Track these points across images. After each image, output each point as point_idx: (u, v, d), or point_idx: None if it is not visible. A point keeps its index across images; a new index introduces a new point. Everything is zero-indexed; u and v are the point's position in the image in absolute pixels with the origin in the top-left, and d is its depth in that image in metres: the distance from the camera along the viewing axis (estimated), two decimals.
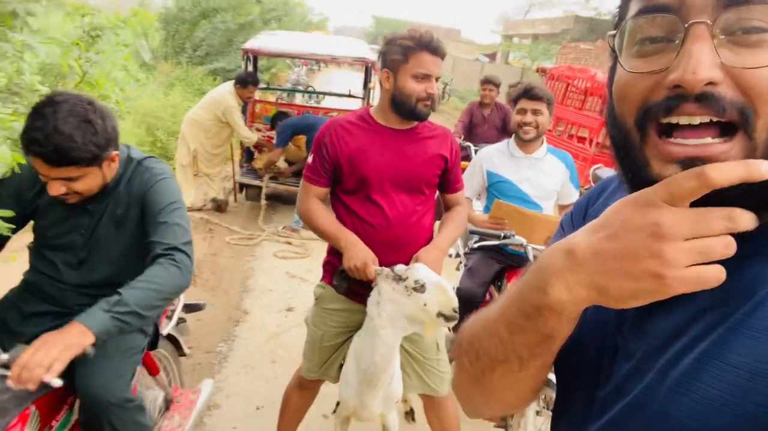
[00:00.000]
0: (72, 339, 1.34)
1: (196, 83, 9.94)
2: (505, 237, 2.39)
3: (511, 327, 0.59)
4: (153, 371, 2.11)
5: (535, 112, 2.60)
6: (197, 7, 11.48)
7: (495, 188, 2.76)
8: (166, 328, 2.17)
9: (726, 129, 0.49)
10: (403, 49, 1.89)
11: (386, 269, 1.77)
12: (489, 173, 2.77)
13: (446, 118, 16.92)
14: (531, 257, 2.35)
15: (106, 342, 1.47)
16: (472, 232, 2.54)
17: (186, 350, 2.40)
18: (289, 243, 5.21)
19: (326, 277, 2.11)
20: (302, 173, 2.08)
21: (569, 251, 0.53)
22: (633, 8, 0.55)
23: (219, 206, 5.87)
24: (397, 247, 1.96)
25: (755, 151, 0.49)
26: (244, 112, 5.83)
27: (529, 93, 2.62)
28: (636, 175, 0.55)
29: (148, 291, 1.49)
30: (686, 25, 0.49)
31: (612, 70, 0.61)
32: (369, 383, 1.87)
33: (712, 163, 0.47)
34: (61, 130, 1.43)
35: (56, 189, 1.51)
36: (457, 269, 3.40)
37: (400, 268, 1.76)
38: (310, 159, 2.02)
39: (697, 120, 0.50)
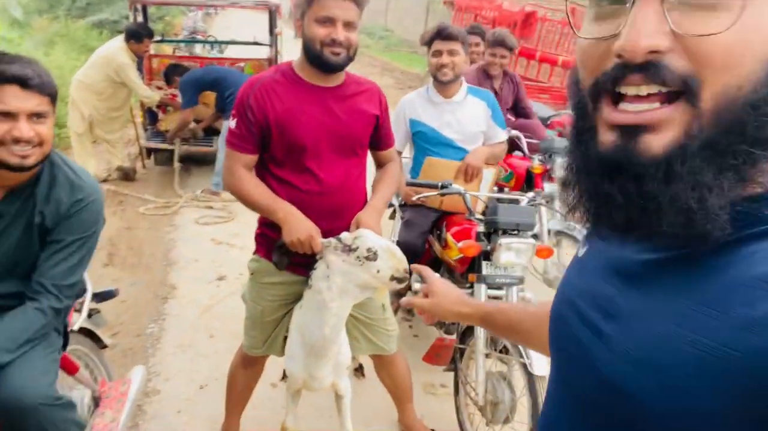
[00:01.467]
0: None
1: (80, 39, 9.00)
2: (443, 187, 2.35)
3: None
4: (71, 370, 1.95)
5: (451, 52, 2.56)
6: None
7: (419, 136, 2.71)
8: (78, 322, 2.01)
9: (672, 97, 0.48)
10: None
11: (333, 241, 1.68)
12: (411, 120, 2.71)
13: (357, 58, 16.51)
14: (470, 204, 2.33)
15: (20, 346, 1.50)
16: (409, 184, 2.48)
17: (107, 341, 2.26)
18: (210, 208, 4.94)
19: (260, 250, 1.98)
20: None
21: None
22: None
23: (126, 175, 5.43)
24: (336, 214, 1.86)
25: (699, 118, 0.47)
26: (140, 69, 5.32)
27: (442, 34, 2.57)
28: (584, 143, 0.54)
29: (18, 341, 1.50)
30: None
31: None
32: (317, 355, 1.81)
33: (651, 129, 0.48)
34: (28, 60, 1.49)
35: (27, 129, 1.44)
36: (391, 218, 3.35)
37: (346, 237, 1.68)
38: (233, 124, 1.83)
39: (644, 91, 0.48)
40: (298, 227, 1.73)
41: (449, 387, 2.60)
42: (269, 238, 1.88)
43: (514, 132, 3.06)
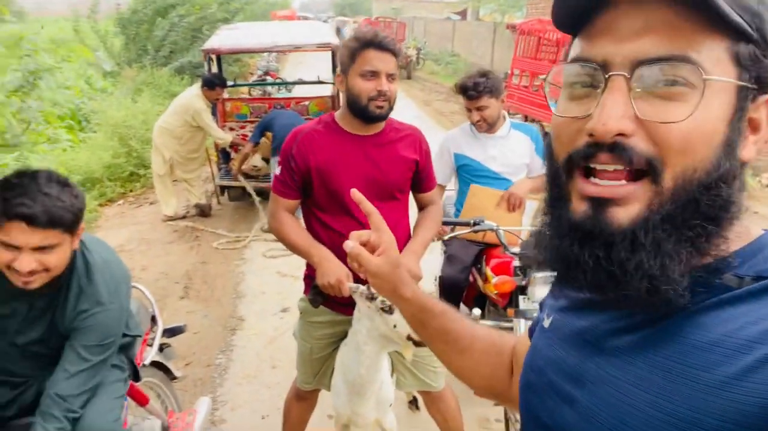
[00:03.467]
0: None
1: (164, 85, 9.75)
2: (475, 224, 2.38)
3: None
4: (142, 401, 2.12)
5: (479, 108, 2.59)
6: (150, 6, 11.17)
7: (464, 169, 2.77)
8: (149, 357, 2.17)
9: (638, 174, 0.53)
10: (350, 51, 1.85)
11: (361, 287, 1.75)
12: (456, 155, 2.77)
13: (422, 85, 16.73)
14: (503, 239, 2.35)
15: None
16: (445, 223, 2.53)
17: (177, 373, 2.41)
18: (277, 241, 5.17)
19: (307, 291, 2.10)
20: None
21: None
22: (573, 52, 0.59)
23: (203, 211, 5.82)
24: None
25: (660, 195, 0.52)
26: (214, 112, 5.73)
27: (466, 94, 2.59)
28: (558, 208, 0.59)
29: None
30: (606, 76, 0.53)
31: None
32: (358, 393, 1.87)
33: (618, 203, 0.53)
34: (47, 192, 1.45)
35: (28, 263, 1.43)
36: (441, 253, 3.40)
37: None
38: (278, 171, 1.98)
39: (611, 167, 0.53)
40: (330, 271, 1.83)
41: (503, 422, 2.58)
42: (314, 279, 2.00)
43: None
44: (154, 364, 2.26)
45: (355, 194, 0.98)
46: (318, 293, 1.89)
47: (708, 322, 0.51)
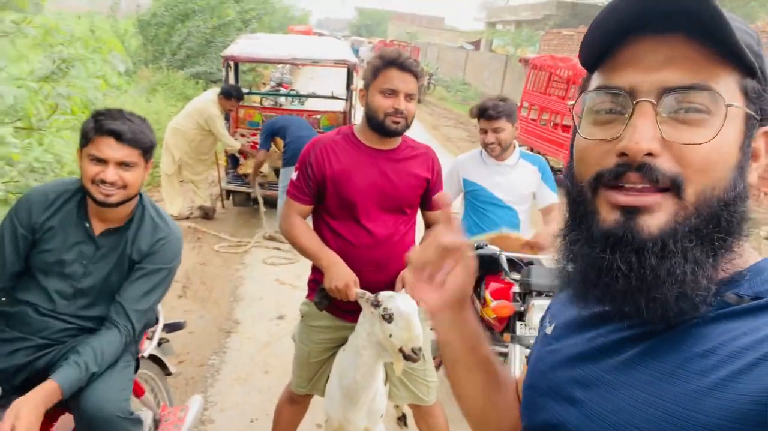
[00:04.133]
0: (45, 401, 1.52)
1: (178, 88, 9.88)
2: (478, 247, 2.44)
3: None
4: (138, 393, 2.14)
5: (496, 130, 2.66)
6: (172, 11, 11.36)
7: (470, 194, 2.83)
8: (148, 349, 2.20)
9: (663, 190, 0.59)
10: (373, 68, 1.93)
11: (368, 293, 1.80)
12: (465, 180, 2.84)
13: (431, 109, 16.93)
14: (504, 265, 2.39)
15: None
16: None
17: (172, 369, 2.43)
18: (278, 249, 5.23)
19: (311, 295, 2.14)
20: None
21: None
22: (594, 83, 0.65)
23: (206, 214, 5.87)
24: (381, 266, 1.99)
25: (685, 209, 0.58)
26: (227, 118, 5.83)
27: (485, 114, 2.66)
28: (585, 223, 0.63)
29: (105, 356, 1.69)
30: (634, 102, 0.59)
31: (573, 134, 0.69)
32: (351, 399, 1.91)
33: (647, 211, 0.58)
34: (131, 119, 1.71)
35: (112, 174, 1.66)
36: None
37: (384, 294, 1.77)
38: (294, 176, 2.04)
39: (639, 186, 0.59)
40: (338, 275, 1.88)
41: None
42: (319, 283, 2.04)
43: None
44: (152, 358, 2.28)
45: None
46: (324, 297, 1.94)
47: (708, 333, 0.56)
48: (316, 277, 2.11)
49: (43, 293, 1.74)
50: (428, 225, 2.20)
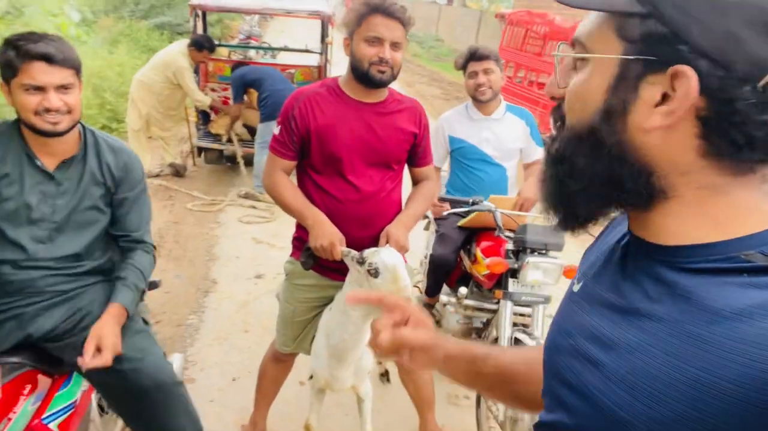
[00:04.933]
0: (118, 321, 1.65)
1: (142, 39, 9.43)
2: (474, 203, 2.40)
3: None
4: None
5: (486, 71, 2.60)
6: None
7: (457, 152, 2.77)
8: None
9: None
10: (358, 15, 1.84)
11: (353, 251, 1.75)
12: (451, 137, 2.77)
13: (405, 66, 16.62)
14: (499, 221, 2.37)
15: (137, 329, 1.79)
16: (442, 199, 2.54)
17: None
18: (254, 207, 5.12)
19: (295, 253, 2.09)
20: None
21: None
22: None
23: (177, 171, 5.69)
24: (367, 222, 1.94)
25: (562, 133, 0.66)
26: (196, 72, 5.58)
27: (476, 55, 2.62)
28: None
29: (141, 274, 1.78)
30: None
31: None
32: (339, 358, 1.89)
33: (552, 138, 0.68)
34: (52, 37, 1.59)
35: (56, 100, 1.56)
36: (426, 229, 3.42)
37: (368, 251, 1.74)
38: (276, 130, 1.95)
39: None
40: (323, 233, 1.82)
41: (472, 398, 2.64)
42: (303, 241, 1.99)
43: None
44: None
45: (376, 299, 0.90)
46: (310, 256, 1.89)
47: (733, 293, 0.53)
48: (301, 235, 2.05)
49: (16, 246, 1.63)
50: (415, 182, 2.14)
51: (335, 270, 1.96)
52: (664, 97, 0.56)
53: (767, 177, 0.58)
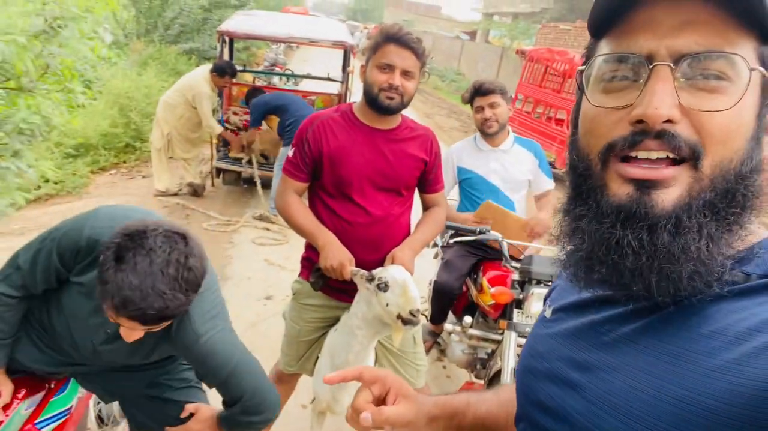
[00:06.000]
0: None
1: (170, 63, 9.70)
2: (480, 232, 2.41)
3: None
4: None
5: (492, 105, 2.62)
6: None
7: (466, 183, 2.78)
8: None
9: (677, 163, 0.55)
10: (373, 43, 1.90)
11: (362, 271, 1.77)
12: (459, 168, 2.79)
13: (425, 97, 16.84)
14: (506, 251, 2.38)
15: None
16: (448, 227, 2.56)
17: None
18: (267, 229, 5.17)
19: (304, 273, 2.11)
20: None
21: None
22: (603, 49, 0.60)
23: (195, 191, 5.79)
24: (375, 246, 1.96)
25: (700, 182, 0.54)
26: (220, 95, 5.73)
27: (480, 90, 2.64)
28: (592, 197, 0.60)
29: None
30: (650, 67, 0.55)
31: (577, 104, 0.65)
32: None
33: (661, 185, 0.54)
34: (161, 290, 1.17)
35: (133, 335, 1.29)
36: (435, 257, 3.43)
37: (377, 269, 1.76)
38: (290, 153, 2.00)
39: (654, 155, 0.55)
40: (333, 254, 1.85)
41: None
42: (312, 262, 2.01)
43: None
44: None
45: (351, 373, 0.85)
46: (320, 276, 1.91)
47: (713, 313, 0.53)
48: (310, 255, 2.08)
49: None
50: (426, 208, 2.17)
51: (343, 291, 1.98)
52: None
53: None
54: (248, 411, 1.51)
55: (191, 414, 1.61)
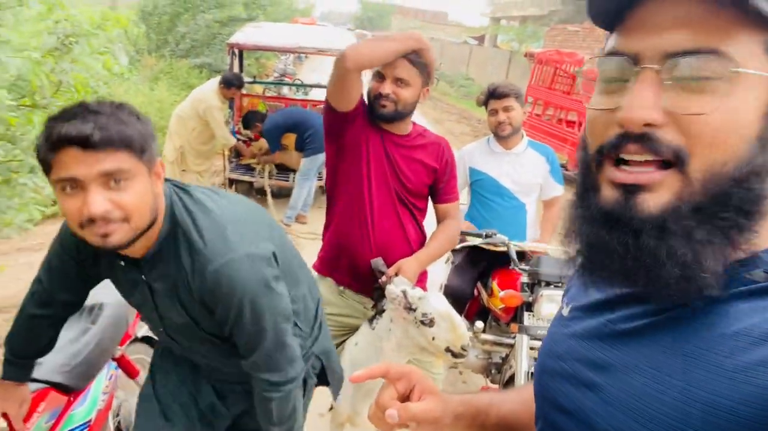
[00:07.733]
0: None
1: (182, 77, 9.83)
2: (487, 236, 2.40)
3: None
4: (133, 374, 2.13)
5: (506, 109, 2.62)
6: (172, 6, 11.28)
7: (477, 184, 2.78)
8: (141, 331, 2.18)
9: (666, 165, 0.54)
10: None
11: (401, 294, 1.72)
12: (471, 169, 2.79)
13: (434, 103, 16.86)
14: (513, 255, 2.37)
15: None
16: None
17: None
18: None
19: (317, 265, 2.13)
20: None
21: None
22: (606, 48, 0.60)
23: None
24: (383, 251, 1.97)
25: (690, 186, 0.53)
26: (231, 107, 5.78)
27: (495, 93, 2.63)
28: (588, 198, 0.60)
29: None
30: (637, 69, 0.54)
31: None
32: (365, 394, 1.87)
33: (647, 189, 0.53)
34: (99, 110, 1.05)
35: (98, 203, 1.04)
36: (447, 262, 3.42)
37: (412, 294, 1.72)
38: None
39: (640, 158, 0.54)
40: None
41: None
42: (328, 259, 2.05)
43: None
44: (145, 339, 2.26)
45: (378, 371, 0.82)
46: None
47: (733, 312, 0.52)
48: (326, 253, 2.10)
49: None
50: (439, 219, 2.14)
51: (363, 292, 2.01)
52: None
53: None
54: (266, 366, 1.30)
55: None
